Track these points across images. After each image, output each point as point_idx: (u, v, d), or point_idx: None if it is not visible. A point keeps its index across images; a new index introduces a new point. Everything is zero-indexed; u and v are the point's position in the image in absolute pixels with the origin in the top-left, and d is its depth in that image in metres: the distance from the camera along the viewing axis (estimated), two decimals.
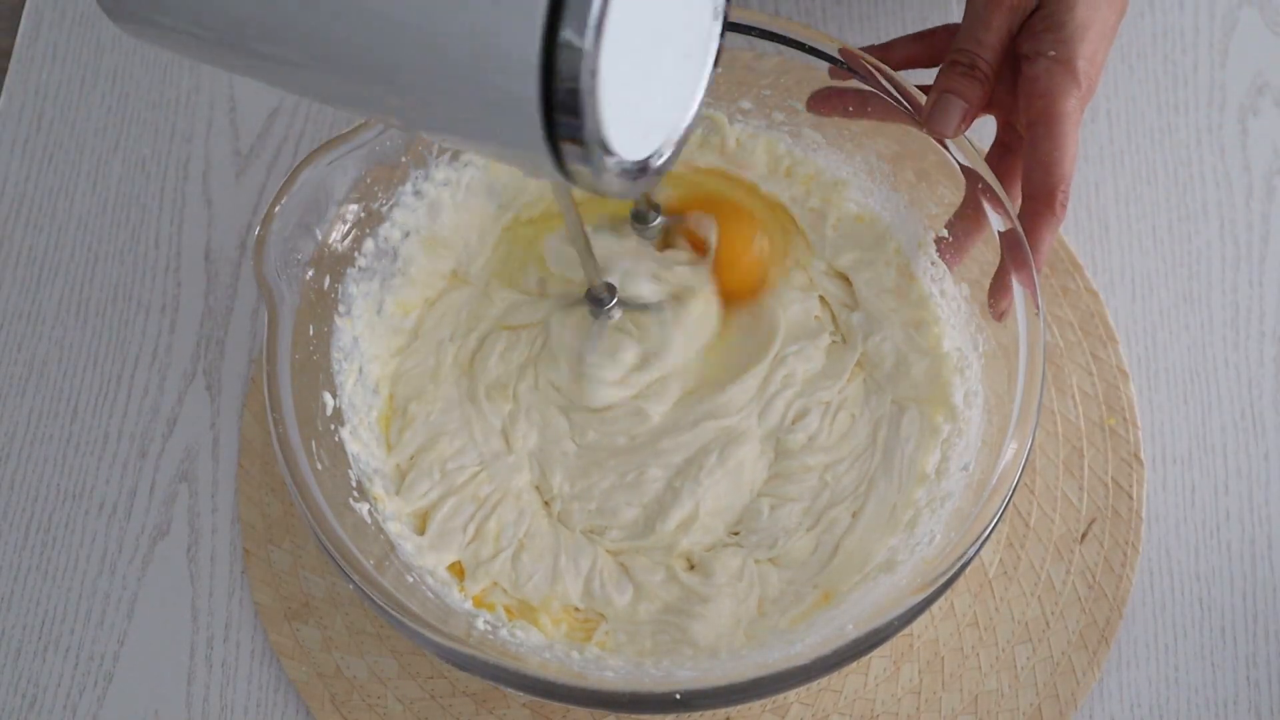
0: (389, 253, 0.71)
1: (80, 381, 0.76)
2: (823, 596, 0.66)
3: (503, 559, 0.68)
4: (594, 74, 0.44)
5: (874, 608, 0.60)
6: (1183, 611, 0.70)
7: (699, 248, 0.73)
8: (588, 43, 0.43)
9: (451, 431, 0.71)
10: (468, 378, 0.72)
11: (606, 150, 0.46)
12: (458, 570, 0.68)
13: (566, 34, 0.43)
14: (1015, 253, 0.65)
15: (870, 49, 0.71)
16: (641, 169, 0.49)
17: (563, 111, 0.44)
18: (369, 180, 0.68)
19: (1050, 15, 0.65)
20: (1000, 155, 0.70)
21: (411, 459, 0.70)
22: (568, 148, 0.46)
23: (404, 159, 0.70)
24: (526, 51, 0.43)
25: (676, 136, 0.51)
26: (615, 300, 0.69)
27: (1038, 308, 0.64)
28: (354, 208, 0.68)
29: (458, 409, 0.71)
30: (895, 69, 0.69)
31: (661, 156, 0.50)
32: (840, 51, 0.69)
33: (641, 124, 0.48)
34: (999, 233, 0.66)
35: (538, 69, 0.44)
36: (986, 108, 0.68)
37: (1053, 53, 0.64)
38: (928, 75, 0.70)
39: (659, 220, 0.72)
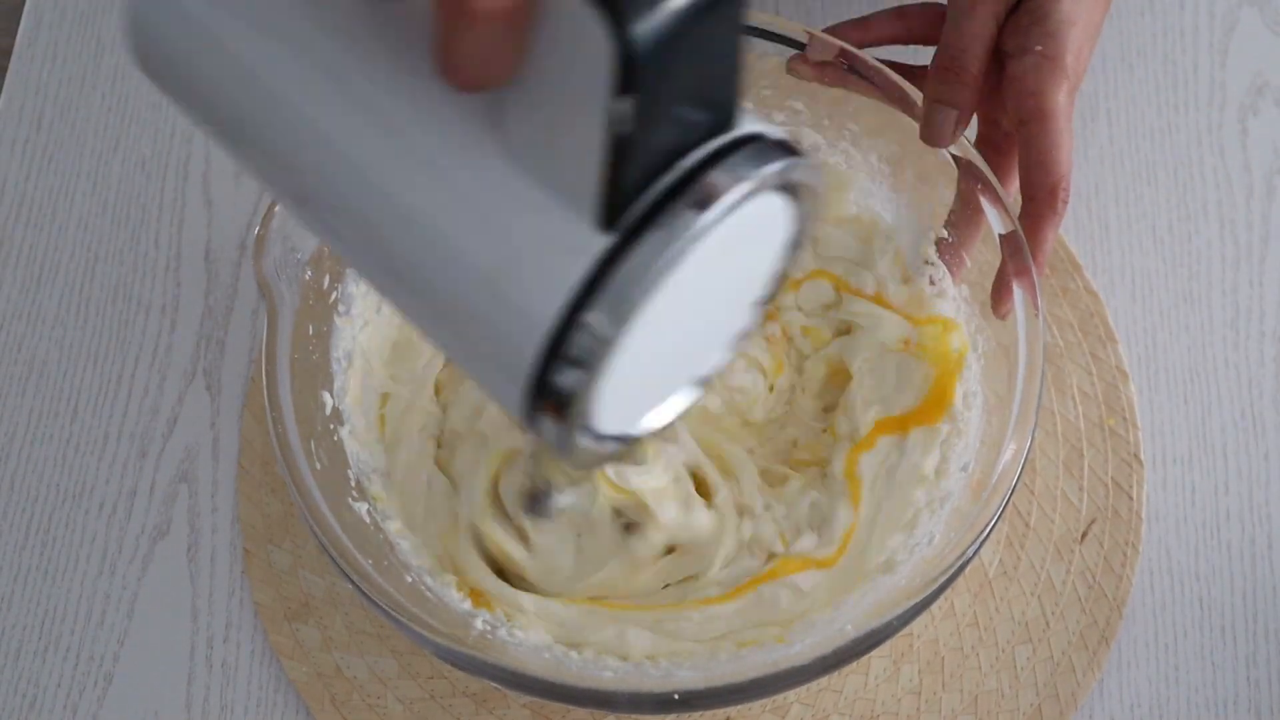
0: None
1: (80, 381, 0.76)
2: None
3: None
4: (600, 372, 0.39)
5: (873, 608, 0.60)
6: (1183, 611, 0.70)
7: None
8: (610, 333, 0.38)
9: None
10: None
11: (584, 429, 0.41)
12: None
13: (593, 316, 0.38)
14: (1016, 253, 0.65)
15: (848, 24, 0.71)
16: (617, 439, 0.44)
17: (552, 393, 0.39)
18: None
19: (1034, 9, 0.64)
20: (988, 156, 0.68)
21: None
22: (543, 416, 0.40)
23: None
24: (538, 320, 0.38)
25: (652, 429, 0.45)
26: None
27: (1037, 308, 0.64)
28: None
29: None
30: (873, 45, 0.69)
31: (634, 433, 0.45)
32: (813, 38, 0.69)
33: (624, 409, 0.43)
34: (999, 234, 0.65)
35: (545, 338, 0.38)
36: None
37: (1039, 47, 0.64)
38: (906, 53, 0.71)
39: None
